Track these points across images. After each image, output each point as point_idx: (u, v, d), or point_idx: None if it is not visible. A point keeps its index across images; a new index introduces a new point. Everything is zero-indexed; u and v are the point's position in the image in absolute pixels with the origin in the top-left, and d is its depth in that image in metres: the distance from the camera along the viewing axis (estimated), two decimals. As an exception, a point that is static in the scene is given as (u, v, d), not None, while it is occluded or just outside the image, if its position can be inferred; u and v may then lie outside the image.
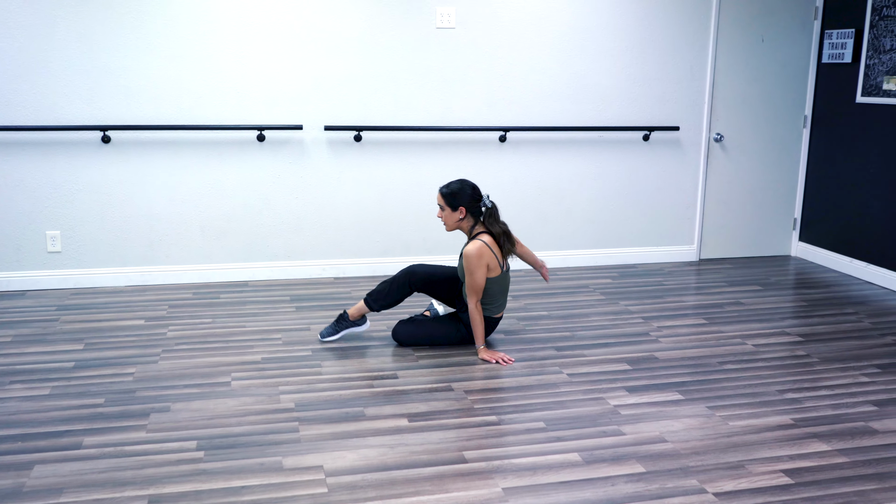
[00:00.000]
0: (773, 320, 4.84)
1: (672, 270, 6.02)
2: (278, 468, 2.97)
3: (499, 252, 4.15)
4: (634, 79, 5.91)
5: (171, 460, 3.02)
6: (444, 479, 2.92)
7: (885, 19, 5.50)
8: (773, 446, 3.21)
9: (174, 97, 5.21)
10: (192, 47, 5.17)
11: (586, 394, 3.70)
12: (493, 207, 4.22)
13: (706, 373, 3.98)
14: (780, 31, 6.10)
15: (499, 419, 3.42)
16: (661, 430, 3.33)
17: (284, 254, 5.59)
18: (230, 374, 3.86)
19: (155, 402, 3.53)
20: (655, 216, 6.19)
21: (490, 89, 5.67)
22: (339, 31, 5.37)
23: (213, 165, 5.36)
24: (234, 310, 4.88)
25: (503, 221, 4.25)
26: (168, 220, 5.37)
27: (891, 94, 5.49)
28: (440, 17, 5.48)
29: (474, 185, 4.21)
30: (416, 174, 5.68)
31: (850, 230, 5.97)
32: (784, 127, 6.30)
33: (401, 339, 4.31)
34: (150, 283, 5.40)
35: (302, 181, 5.52)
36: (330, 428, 3.31)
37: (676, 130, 6.05)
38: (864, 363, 4.14)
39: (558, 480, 2.92)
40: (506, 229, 4.22)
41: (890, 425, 3.41)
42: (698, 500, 2.80)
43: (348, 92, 5.46)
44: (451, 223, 4.20)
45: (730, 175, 6.27)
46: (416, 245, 5.78)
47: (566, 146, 5.90)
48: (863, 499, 2.82)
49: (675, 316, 4.89)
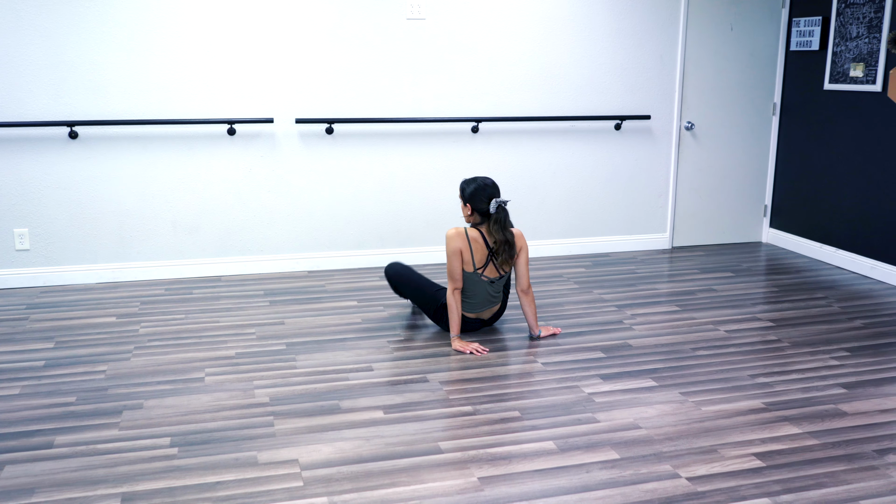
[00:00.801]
0: (744, 306, 4.89)
1: (645, 258, 6.06)
2: (253, 463, 2.96)
3: (478, 250, 4.14)
4: (605, 68, 5.93)
5: (144, 457, 2.99)
6: (419, 469, 2.92)
7: (851, 7, 5.56)
8: (744, 430, 3.24)
9: (142, 91, 5.15)
10: (161, 40, 5.12)
11: (561, 382, 3.72)
12: (498, 214, 4.11)
13: (679, 359, 4.01)
14: (748, 20, 6.15)
15: (474, 409, 3.43)
16: (634, 417, 3.36)
17: (257, 248, 5.56)
18: (204, 370, 3.84)
19: (127, 400, 3.50)
20: (628, 205, 6.22)
21: (462, 80, 5.67)
22: (309, 23, 5.33)
23: (183, 160, 5.32)
24: (207, 305, 4.84)
25: (511, 232, 4.16)
26: (138, 215, 5.31)
27: (857, 80, 5.55)
28: (411, 7, 5.46)
29: (489, 185, 4.13)
30: (388, 166, 5.67)
31: (819, 216, 6.04)
32: (754, 114, 6.35)
33: (390, 275, 4.47)
34: (121, 279, 5.35)
35: (274, 174, 5.49)
36: (305, 421, 3.30)
37: (648, 119, 6.08)
38: (833, 347, 4.20)
39: (533, 469, 2.93)
40: (510, 240, 4.14)
41: (859, 407, 3.46)
42: (672, 485, 2.83)
43: (319, 84, 5.43)
44: (464, 215, 4.24)
45: (701, 163, 6.31)
46: (390, 237, 5.77)
47: (538, 136, 5.91)
48: (833, 480, 2.87)
49: (649, 303, 4.93)
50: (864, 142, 5.55)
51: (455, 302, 4.14)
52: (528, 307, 4.25)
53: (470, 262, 4.14)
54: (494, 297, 4.31)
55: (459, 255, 4.11)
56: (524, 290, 4.24)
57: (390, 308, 4.80)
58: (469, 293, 4.23)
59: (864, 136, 5.55)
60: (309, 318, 4.62)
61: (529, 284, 4.25)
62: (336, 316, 4.66)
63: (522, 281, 4.22)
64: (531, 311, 4.25)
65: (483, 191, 4.13)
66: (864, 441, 3.16)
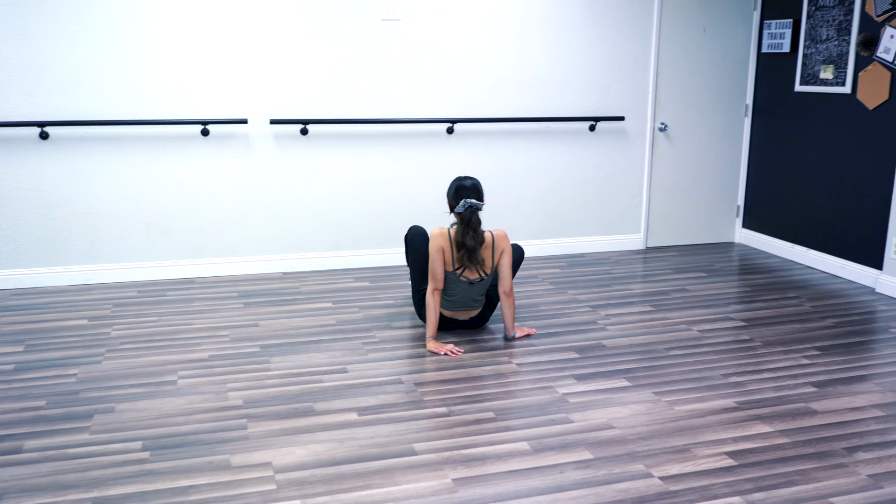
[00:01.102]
0: (717, 306, 4.93)
1: (619, 259, 6.10)
2: (226, 466, 2.94)
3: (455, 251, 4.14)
4: (580, 70, 5.95)
5: (115, 461, 2.97)
6: (393, 471, 2.92)
7: (821, 9, 5.63)
8: (717, 429, 3.27)
9: (116, 91, 5.11)
10: (135, 40, 5.07)
11: (535, 383, 3.73)
12: (465, 214, 4.07)
13: (653, 359, 4.04)
14: (720, 22, 6.20)
15: (448, 410, 3.43)
16: (608, 417, 3.38)
17: (231, 249, 5.53)
18: (177, 373, 3.81)
19: (99, 403, 3.47)
20: (603, 205, 6.26)
21: (437, 81, 5.67)
22: (284, 24, 5.31)
23: (156, 161, 5.27)
24: (181, 307, 4.81)
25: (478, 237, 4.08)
26: (111, 217, 5.26)
27: (828, 82, 5.62)
28: (386, 8, 5.45)
29: (465, 186, 4.10)
30: (364, 167, 5.65)
31: (791, 216, 6.10)
32: (726, 116, 6.41)
33: (408, 236, 4.44)
34: (93, 281, 5.29)
35: (248, 175, 5.46)
36: (279, 424, 3.28)
37: (622, 120, 6.12)
38: (805, 346, 4.25)
39: (507, 470, 2.94)
40: (469, 245, 4.06)
41: (829, 405, 3.51)
42: (644, 484, 2.85)
43: (294, 85, 5.41)
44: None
45: (674, 164, 6.36)
46: (366, 238, 5.76)
47: (514, 137, 5.93)
48: (804, 477, 2.90)
49: (623, 304, 4.96)
50: (834, 143, 5.62)
51: (433, 302, 4.14)
52: (508, 309, 4.25)
53: (450, 262, 4.14)
54: (475, 301, 4.30)
55: (441, 255, 4.10)
56: (506, 291, 4.22)
57: (365, 310, 4.79)
58: (449, 292, 4.23)
59: (834, 137, 5.61)
60: (283, 319, 4.60)
61: (512, 287, 4.23)
62: (310, 318, 4.64)
63: (505, 283, 4.21)
64: (509, 314, 4.25)
65: (458, 190, 4.13)
66: (834, 439, 3.20)
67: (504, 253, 4.18)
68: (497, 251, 4.18)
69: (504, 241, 4.19)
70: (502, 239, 4.19)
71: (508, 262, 4.19)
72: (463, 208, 4.07)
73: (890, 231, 5.13)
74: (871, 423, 3.34)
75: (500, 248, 4.18)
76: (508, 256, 4.19)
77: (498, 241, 4.18)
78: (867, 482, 2.87)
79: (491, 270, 4.21)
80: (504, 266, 4.19)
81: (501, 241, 4.18)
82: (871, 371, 3.90)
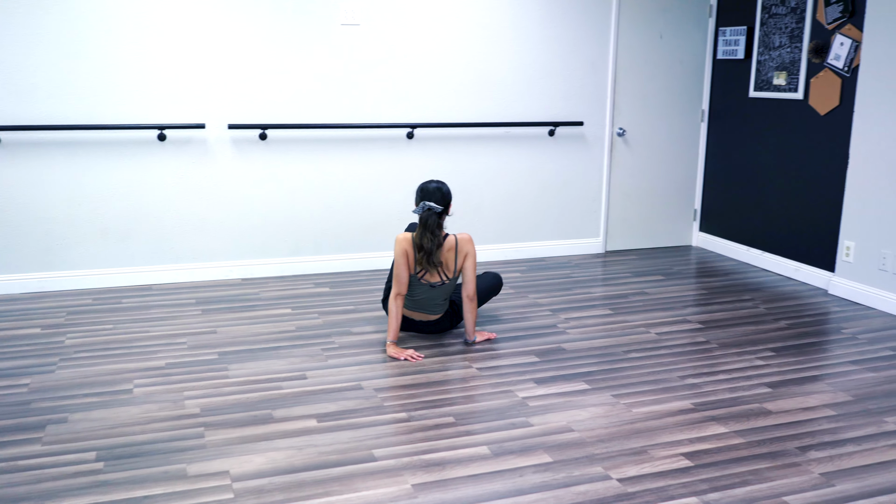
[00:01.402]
0: (675, 309, 4.99)
1: (579, 263, 6.14)
2: (183, 476, 2.91)
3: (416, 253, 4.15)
4: (539, 75, 6.00)
5: (68, 473, 2.91)
6: (353, 478, 2.90)
7: (774, 17, 5.74)
8: (673, 431, 3.31)
9: (70, 96, 5.02)
10: (89, 43, 5.00)
11: (495, 387, 3.74)
12: (422, 216, 4.08)
13: (612, 362, 4.08)
14: (677, 29, 6.29)
15: (409, 416, 3.42)
16: (568, 420, 3.40)
17: (190, 256, 5.47)
18: (132, 381, 3.75)
19: (51, 414, 3.40)
20: (563, 210, 6.30)
21: (396, 86, 5.67)
22: (242, 28, 5.27)
23: (112, 166, 5.20)
24: (138, 315, 4.74)
25: (439, 236, 4.10)
26: (66, 223, 5.17)
27: (781, 88, 5.73)
28: (344, 13, 5.44)
29: (428, 189, 4.12)
30: (323, 172, 5.63)
31: (746, 220, 6.20)
32: (683, 121, 6.50)
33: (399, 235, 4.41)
34: (47, 289, 5.20)
35: (206, 181, 5.40)
36: (237, 432, 3.25)
37: (580, 125, 6.17)
38: (759, 347, 4.31)
39: (467, 474, 2.94)
40: (426, 247, 4.07)
41: (782, 406, 3.57)
42: (603, 486, 2.87)
43: (252, 89, 5.37)
44: None
45: (633, 168, 6.43)
46: (326, 244, 5.73)
47: (474, 142, 5.95)
48: (758, 477, 2.94)
49: (583, 307, 4.99)
50: (787, 148, 5.72)
51: (395, 307, 4.13)
52: (469, 314, 4.25)
53: (412, 265, 4.14)
54: (437, 306, 4.30)
55: (405, 258, 4.10)
56: (469, 296, 4.22)
57: (325, 315, 4.77)
58: (412, 293, 4.23)
59: (787, 142, 5.72)
60: (242, 326, 4.56)
61: (475, 292, 4.22)
62: (270, 324, 4.61)
63: (468, 287, 4.21)
64: (471, 318, 4.26)
65: (420, 192, 4.15)
66: (787, 438, 3.25)
67: (468, 256, 4.19)
68: (461, 254, 4.18)
69: (468, 244, 4.19)
70: (466, 242, 4.19)
71: (472, 265, 4.20)
72: (420, 210, 4.09)
73: (842, 234, 5.24)
74: (823, 422, 3.41)
75: (463, 251, 4.18)
76: (472, 260, 4.20)
77: (461, 245, 4.18)
78: (820, 480, 2.92)
79: (454, 274, 4.22)
80: (468, 270, 4.20)
81: (465, 244, 4.19)
82: (823, 371, 3.98)
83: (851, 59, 5.14)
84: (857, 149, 5.08)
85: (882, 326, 4.68)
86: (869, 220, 5.04)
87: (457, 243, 4.19)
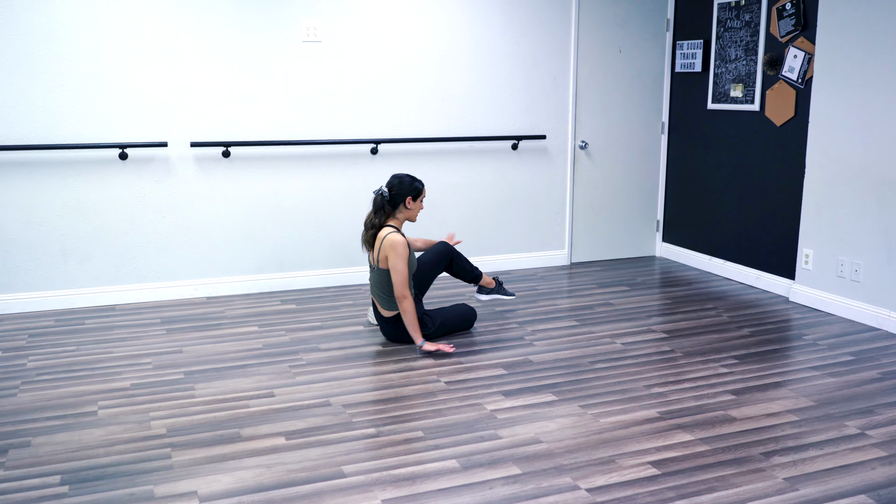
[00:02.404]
0: (639, 319, 5.05)
1: (545, 275, 6.19)
2: (150, 497, 2.87)
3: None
4: (501, 89, 6.05)
5: (32, 497, 2.86)
6: (322, 495, 2.89)
7: (730, 31, 5.86)
8: (640, 440, 3.35)
9: (26, 115, 4.96)
10: (45, 61, 4.94)
11: (463, 400, 3.75)
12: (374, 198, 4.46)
13: (578, 373, 4.11)
14: (635, 43, 6.39)
15: (377, 431, 3.42)
16: (536, 432, 3.42)
17: (153, 275, 5.41)
18: (97, 403, 3.70)
19: (13, 438, 3.34)
20: (527, 222, 6.35)
21: (360, 102, 5.69)
22: (203, 45, 5.25)
23: (71, 186, 5.14)
24: (101, 335, 4.68)
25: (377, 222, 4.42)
26: (25, 244, 5.10)
27: (738, 100, 5.84)
28: (306, 30, 5.45)
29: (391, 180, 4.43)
30: (287, 189, 5.62)
31: (707, 230, 6.30)
32: (644, 133, 6.59)
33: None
34: (6, 311, 5.11)
35: (169, 199, 5.36)
36: (204, 452, 3.22)
37: (543, 139, 6.23)
38: (723, 355, 4.38)
39: (436, 488, 2.94)
40: (366, 224, 4.45)
41: (746, 412, 3.62)
42: (572, 496, 2.89)
43: (214, 107, 5.35)
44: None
45: (595, 181, 6.51)
46: (291, 261, 5.71)
47: (438, 157, 5.98)
48: (723, 483, 2.98)
49: (549, 319, 5.03)
50: (746, 158, 5.83)
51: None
52: (404, 317, 4.32)
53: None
54: (379, 297, 4.45)
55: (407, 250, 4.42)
56: (395, 296, 4.32)
57: (292, 332, 4.75)
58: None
59: (745, 152, 5.83)
60: (208, 345, 4.53)
61: (402, 295, 4.28)
62: (236, 342, 4.58)
63: (394, 288, 4.31)
64: (406, 321, 4.32)
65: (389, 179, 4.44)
66: (751, 445, 3.30)
67: (388, 259, 4.30)
68: (382, 251, 4.33)
69: (388, 248, 4.29)
70: (388, 245, 4.30)
71: (393, 268, 4.28)
72: (375, 194, 4.38)
73: (800, 242, 5.35)
74: (786, 427, 3.47)
75: (384, 249, 4.31)
76: (394, 263, 4.28)
77: (385, 243, 4.31)
78: (784, 485, 2.97)
79: (375, 263, 4.38)
80: (390, 271, 4.30)
81: (386, 246, 4.30)
82: (785, 378, 4.05)
83: (805, 71, 5.26)
84: (813, 158, 5.20)
85: (841, 332, 4.78)
86: (826, 228, 5.15)
87: (383, 239, 4.32)
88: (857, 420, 3.54)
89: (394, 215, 4.43)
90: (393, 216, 4.43)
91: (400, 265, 4.25)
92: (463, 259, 4.76)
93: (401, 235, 4.31)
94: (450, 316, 4.61)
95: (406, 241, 4.33)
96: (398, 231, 4.35)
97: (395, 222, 4.44)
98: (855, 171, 4.93)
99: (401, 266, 4.25)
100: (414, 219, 4.50)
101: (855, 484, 2.99)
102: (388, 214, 4.41)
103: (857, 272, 4.96)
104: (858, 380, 4.02)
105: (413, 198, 4.40)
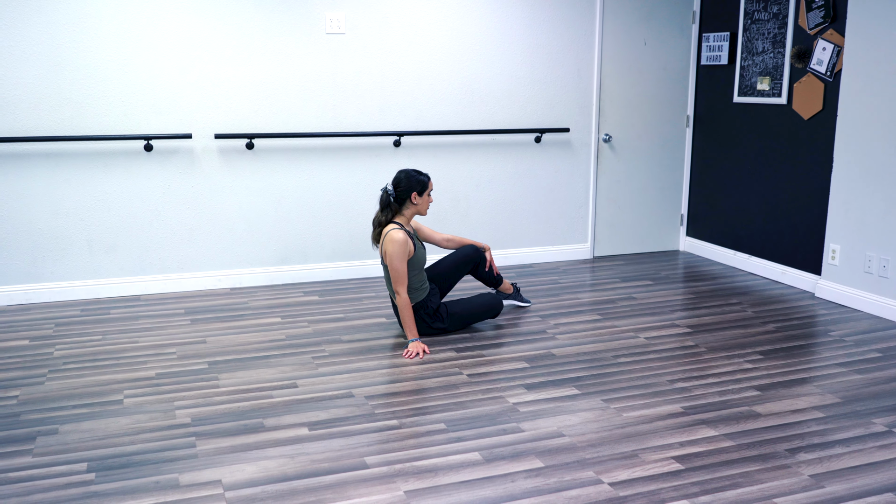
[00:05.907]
0: (663, 313, 5.02)
1: (567, 269, 6.17)
2: (174, 485, 2.90)
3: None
4: (524, 82, 6.03)
5: (59, 484, 2.90)
6: (345, 485, 2.90)
7: (757, 23, 5.79)
8: (664, 434, 3.33)
9: (54, 107, 5.01)
10: (72, 54, 4.99)
11: (486, 393, 3.75)
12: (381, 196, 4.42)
13: (601, 367, 4.09)
14: (661, 35, 6.34)
15: (400, 423, 3.43)
16: (558, 425, 3.41)
17: (177, 266, 5.45)
18: (122, 392, 3.74)
19: (41, 425, 3.38)
20: (550, 216, 6.33)
21: (383, 94, 5.68)
22: (227, 37, 5.27)
23: (98, 177, 5.18)
24: (126, 325, 4.72)
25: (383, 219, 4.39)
26: (52, 235, 5.15)
27: (764, 93, 5.78)
28: (330, 22, 5.46)
29: (398, 175, 4.38)
30: (310, 181, 5.63)
31: (732, 224, 6.25)
32: (668, 126, 6.54)
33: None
34: (34, 301, 5.17)
35: (193, 191, 5.40)
36: (228, 441, 3.25)
37: (567, 132, 6.20)
38: (747, 351, 4.34)
39: (459, 480, 2.95)
40: (373, 221, 4.41)
41: (771, 408, 3.59)
42: (594, 490, 2.88)
43: (238, 99, 5.37)
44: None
45: (619, 174, 6.47)
46: (313, 252, 5.73)
47: (461, 150, 5.97)
48: (748, 479, 2.96)
49: (571, 313, 5.01)
50: (772, 152, 5.77)
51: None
52: (400, 311, 4.33)
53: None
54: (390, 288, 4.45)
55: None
56: (394, 291, 4.34)
57: (315, 324, 4.77)
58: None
59: (772, 146, 5.77)
60: (231, 335, 4.56)
61: (396, 290, 4.30)
62: (259, 333, 4.60)
63: (392, 283, 4.32)
64: (401, 315, 4.34)
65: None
66: (776, 441, 3.28)
67: (387, 255, 4.29)
68: (383, 245, 4.33)
69: (387, 244, 4.29)
70: (387, 241, 4.29)
71: (389, 264, 4.28)
72: (382, 192, 4.38)
73: (827, 237, 5.29)
74: (811, 424, 3.43)
75: (385, 244, 4.31)
76: (388, 259, 4.28)
77: (385, 239, 4.31)
78: (809, 482, 2.94)
79: (381, 258, 4.39)
80: (389, 266, 4.29)
81: (386, 242, 4.30)
82: (811, 374, 4.01)
83: (834, 64, 5.20)
84: (841, 152, 5.13)
85: (868, 329, 4.72)
86: (854, 224, 5.09)
87: (385, 236, 4.32)
88: (884, 417, 3.50)
89: (401, 212, 4.39)
90: (400, 213, 4.39)
91: (396, 261, 4.25)
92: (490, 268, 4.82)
93: (402, 233, 4.28)
94: (473, 306, 4.59)
95: (406, 238, 4.29)
96: (401, 228, 4.32)
97: (403, 219, 4.39)
98: (884, 165, 4.86)
99: (396, 262, 4.25)
100: (424, 213, 4.45)
101: (882, 482, 2.95)
102: (396, 211, 4.38)
103: (886, 268, 4.90)
104: (886, 377, 3.98)
105: (419, 192, 4.37)
